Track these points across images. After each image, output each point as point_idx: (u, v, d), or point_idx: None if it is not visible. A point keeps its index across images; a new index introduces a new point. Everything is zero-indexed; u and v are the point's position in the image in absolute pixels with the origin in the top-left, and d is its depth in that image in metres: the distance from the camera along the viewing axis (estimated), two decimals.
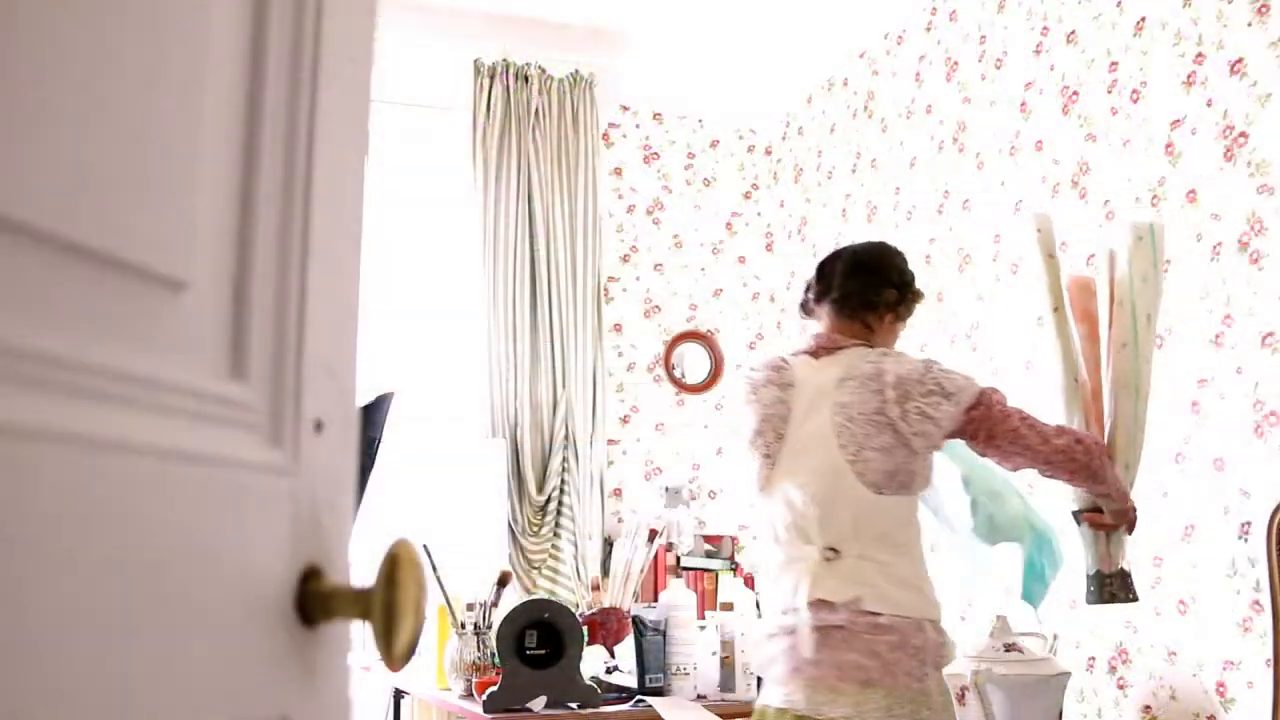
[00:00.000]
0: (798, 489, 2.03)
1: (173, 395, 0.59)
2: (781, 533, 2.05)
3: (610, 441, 4.63)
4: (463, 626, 2.62)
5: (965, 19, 3.98)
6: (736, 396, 2.14)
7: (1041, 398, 3.47)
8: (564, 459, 4.39)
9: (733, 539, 4.65)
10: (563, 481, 4.40)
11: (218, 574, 0.62)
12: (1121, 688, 3.09)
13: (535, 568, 4.33)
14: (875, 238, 4.39)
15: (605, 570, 4.22)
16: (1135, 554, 3.08)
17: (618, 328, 4.78)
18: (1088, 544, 2.27)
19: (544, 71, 4.58)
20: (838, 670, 1.89)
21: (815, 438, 2.04)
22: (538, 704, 2.37)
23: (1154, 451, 3.06)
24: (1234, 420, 2.81)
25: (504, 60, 4.50)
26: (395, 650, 0.69)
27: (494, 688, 2.38)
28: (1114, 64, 3.30)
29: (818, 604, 1.95)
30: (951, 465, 2.36)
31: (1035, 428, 2.09)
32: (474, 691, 2.52)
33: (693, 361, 4.88)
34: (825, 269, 2.23)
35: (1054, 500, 2.47)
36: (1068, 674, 1.87)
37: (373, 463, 2.67)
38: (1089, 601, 2.25)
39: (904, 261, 2.30)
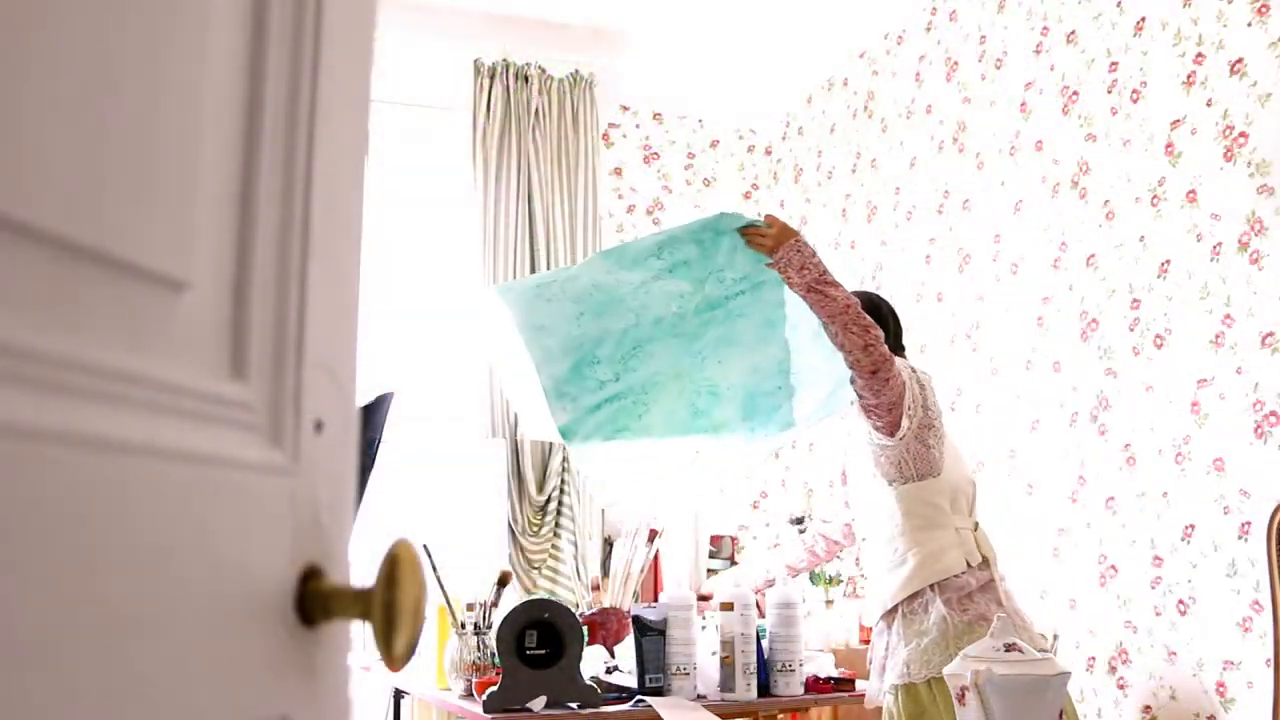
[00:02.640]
0: (962, 469, 2.51)
1: (173, 395, 0.59)
2: (948, 505, 2.43)
3: None
4: (463, 626, 2.62)
5: (965, 19, 3.98)
6: (911, 384, 2.43)
7: (1040, 396, 3.48)
8: (564, 459, 4.39)
9: (733, 539, 4.65)
10: (563, 481, 4.40)
11: (218, 574, 0.62)
12: (1121, 688, 3.10)
13: (535, 568, 4.33)
14: (875, 238, 4.40)
15: (605, 570, 4.22)
16: (1136, 554, 3.08)
17: None
18: None
19: (544, 71, 4.58)
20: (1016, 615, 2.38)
21: (948, 432, 2.53)
22: (538, 704, 2.36)
23: (1154, 451, 3.06)
24: (1234, 420, 2.81)
25: (504, 60, 4.50)
26: (395, 650, 0.69)
27: (494, 688, 2.38)
28: (1114, 64, 3.30)
29: (991, 562, 2.41)
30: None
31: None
32: (474, 691, 2.52)
33: None
34: (891, 315, 2.62)
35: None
36: (1068, 674, 1.87)
37: (373, 463, 2.66)
38: None
39: None
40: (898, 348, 2.58)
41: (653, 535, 3.11)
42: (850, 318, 2.32)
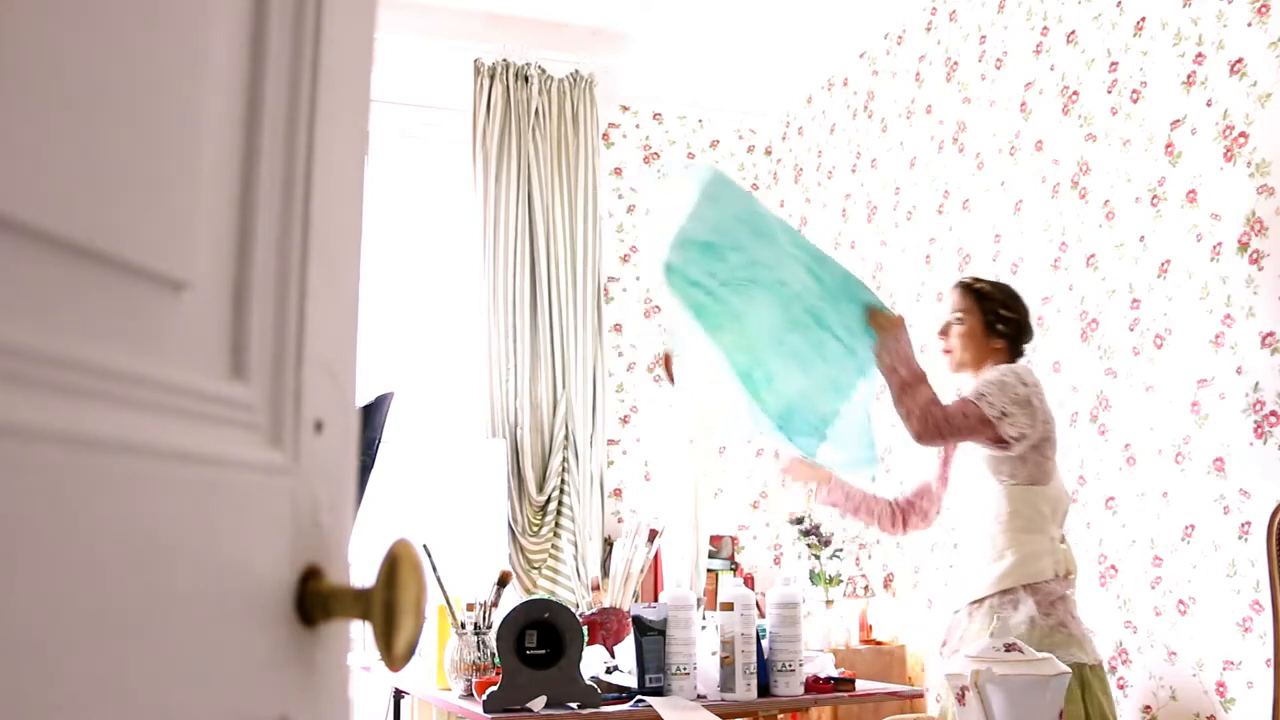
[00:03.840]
0: (1062, 482, 2.57)
1: (173, 395, 0.59)
2: (1050, 512, 2.50)
3: (610, 442, 4.63)
4: (463, 626, 2.62)
5: (965, 19, 3.98)
6: (1035, 388, 2.50)
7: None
8: (564, 459, 4.39)
9: (733, 539, 4.65)
10: (563, 481, 4.40)
11: (218, 574, 0.62)
12: (1121, 688, 3.09)
13: (535, 568, 4.33)
14: (875, 238, 4.40)
15: (605, 570, 4.22)
16: (1136, 554, 3.08)
17: (617, 328, 4.78)
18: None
19: (544, 71, 4.58)
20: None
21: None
22: (538, 704, 2.36)
23: (1154, 451, 3.06)
24: (1234, 420, 2.81)
25: (504, 60, 4.50)
26: (395, 650, 0.69)
27: (494, 688, 2.38)
28: (1114, 64, 3.30)
29: (1073, 576, 2.51)
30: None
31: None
32: (474, 691, 2.52)
33: None
34: (1025, 311, 2.70)
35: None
36: (1068, 674, 1.87)
37: (373, 463, 2.67)
38: None
39: None
40: (1017, 349, 2.67)
41: (652, 535, 3.11)
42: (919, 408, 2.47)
